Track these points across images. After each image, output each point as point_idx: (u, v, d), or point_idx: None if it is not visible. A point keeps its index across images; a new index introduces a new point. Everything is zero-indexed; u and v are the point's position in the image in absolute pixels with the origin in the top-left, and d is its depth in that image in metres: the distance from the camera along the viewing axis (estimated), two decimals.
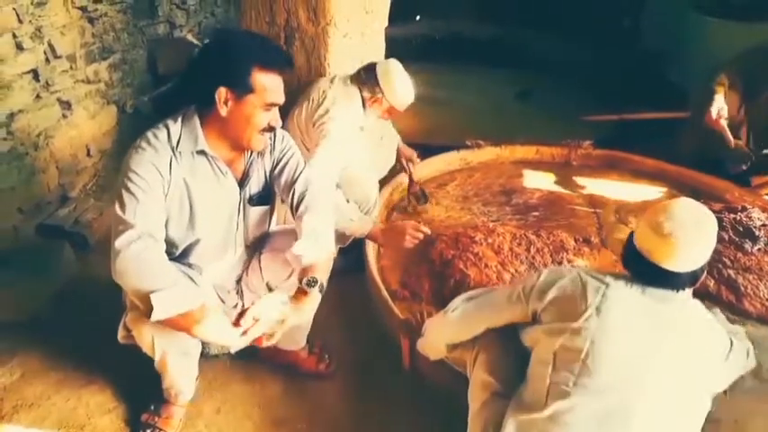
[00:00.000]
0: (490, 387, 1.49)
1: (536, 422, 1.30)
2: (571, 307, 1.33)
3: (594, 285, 1.33)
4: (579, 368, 1.28)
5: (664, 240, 1.29)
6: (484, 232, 2.58)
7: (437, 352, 1.75)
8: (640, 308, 1.31)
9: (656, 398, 1.26)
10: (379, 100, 2.37)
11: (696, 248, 1.30)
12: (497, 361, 1.52)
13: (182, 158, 1.51)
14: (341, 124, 2.26)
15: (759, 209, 2.78)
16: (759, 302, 2.31)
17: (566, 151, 3.36)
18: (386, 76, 2.35)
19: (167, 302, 1.37)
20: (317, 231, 1.65)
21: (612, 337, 1.28)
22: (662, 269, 1.30)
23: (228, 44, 1.48)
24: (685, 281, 1.32)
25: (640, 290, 1.33)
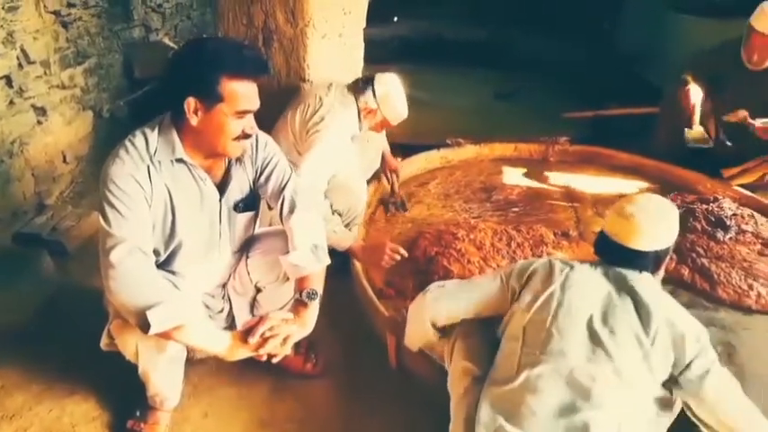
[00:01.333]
0: (470, 373, 1.52)
1: (509, 393, 1.36)
2: (541, 285, 1.47)
3: (560, 267, 1.49)
4: (545, 336, 1.39)
5: (626, 221, 1.45)
6: (466, 229, 2.62)
7: (418, 337, 1.79)
8: (601, 283, 1.44)
9: (618, 366, 1.34)
10: (373, 112, 2.40)
11: (657, 228, 1.45)
12: (475, 347, 1.57)
13: (161, 166, 1.50)
14: (335, 133, 2.27)
15: (730, 199, 2.86)
16: (732, 289, 2.38)
17: (543, 148, 3.42)
18: (383, 88, 2.38)
19: (163, 317, 1.37)
20: (313, 242, 1.66)
21: (574, 306, 1.41)
22: (628, 249, 1.45)
23: (196, 53, 1.44)
24: (650, 261, 1.46)
25: (604, 270, 1.47)
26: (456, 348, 1.61)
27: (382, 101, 2.39)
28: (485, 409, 1.36)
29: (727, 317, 2.33)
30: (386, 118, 2.44)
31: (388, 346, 2.04)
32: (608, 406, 1.31)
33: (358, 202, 2.43)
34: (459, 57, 4.96)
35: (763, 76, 2.96)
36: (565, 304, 1.41)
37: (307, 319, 1.60)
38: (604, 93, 4.03)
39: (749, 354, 2.16)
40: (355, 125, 2.40)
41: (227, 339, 1.49)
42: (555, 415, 1.30)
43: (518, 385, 1.35)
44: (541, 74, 4.59)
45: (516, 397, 1.34)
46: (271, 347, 1.51)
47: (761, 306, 2.35)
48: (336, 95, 2.38)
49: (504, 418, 1.32)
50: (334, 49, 2.76)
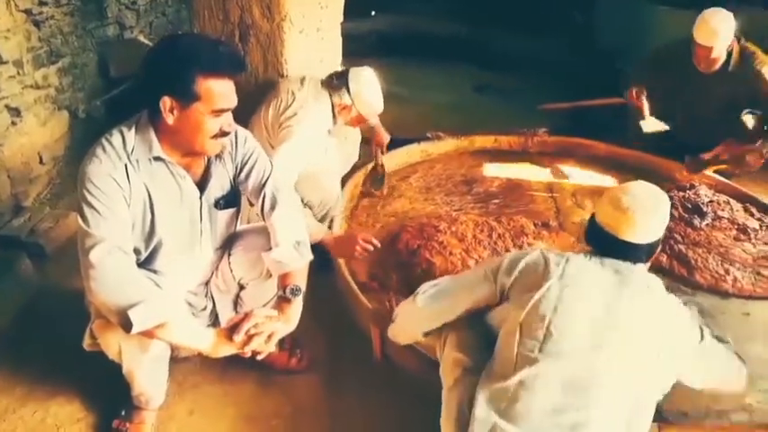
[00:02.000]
0: (462, 363, 1.53)
1: (506, 390, 1.35)
2: (535, 279, 1.42)
3: (556, 259, 1.44)
4: (544, 335, 1.35)
5: (623, 214, 1.41)
6: (447, 221, 2.64)
7: (407, 337, 1.79)
8: (600, 277, 1.40)
9: (617, 362, 1.33)
10: (348, 107, 2.39)
11: (652, 221, 1.43)
12: (467, 339, 1.57)
13: (139, 165, 1.49)
14: (307, 127, 2.26)
15: (706, 186, 2.92)
16: (709, 274, 2.44)
17: (522, 139, 3.45)
18: (357, 84, 2.36)
19: (145, 315, 1.37)
20: (296, 238, 1.67)
21: (574, 303, 1.37)
22: (623, 242, 1.42)
23: (170, 51, 1.43)
24: (643, 253, 1.45)
25: (599, 262, 1.43)
26: (448, 340, 1.61)
27: (356, 97, 2.38)
28: (480, 404, 1.36)
29: (704, 301, 2.38)
30: (360, 113, 2.42)
31: (373, 339, 2.05)
32: (604, 405, 1.31)
33: (329, 196, 2.42)
34: (437, 51, 4.97)
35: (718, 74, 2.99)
36: (564, 300, 1.37)
37: (291, 316, 1.60)
38: (583, 85, 4.07)
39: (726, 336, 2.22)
40: (329, 120, 2.40)
41: (211, 336, 1.49)
42: (550, 413, 1.30)
43: (515, 383, 1.34)
44: (521, 68, 4.62)
45: (512, 395, 1.33)
46: (256, 345, 1.51)
47: (737, 290, 2.41)
48: (310, 90, 2.37)
49: (500, 415, 1.32)
50: (312, 44, 2.76)
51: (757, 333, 2.25)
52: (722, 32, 2.83)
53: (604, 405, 1.31)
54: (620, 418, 1.32)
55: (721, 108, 3.02)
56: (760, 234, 2.62)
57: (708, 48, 2.87)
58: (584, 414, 1.29)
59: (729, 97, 3.00)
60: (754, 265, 2.49)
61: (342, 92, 2.37)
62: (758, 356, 2.13)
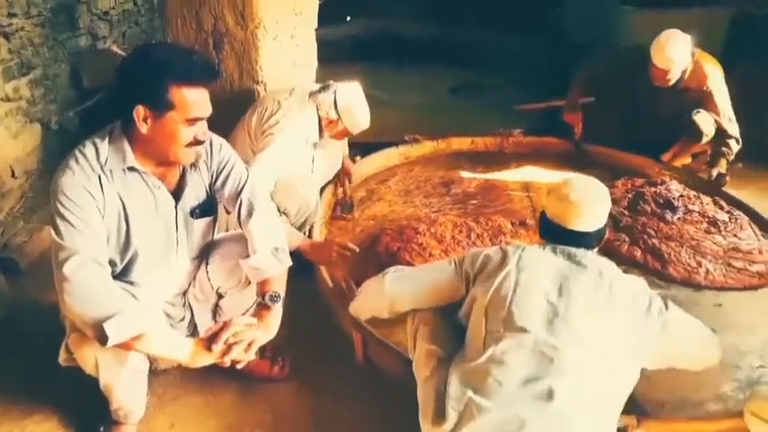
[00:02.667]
0: (435, 354, 1.57)
1: (477, 367, 1.41)
2: (496, 267, 1.53)
3: (513, 249, 1.57)
4: (506, 314, 1.44)
5: (569, 205, 1.53)
6: (426, 223, 2.66)
7: (368, 312, 1.84)
8: (553, 261, 1.52)
9: (576, 334, 1.41)
10: (334, 122, 2.40)
11: (597, 208, 1.55)
12: (437, 331, 1.62)
13: (113, 176, 1.48)
14: (288, 135, 2.27)
15: (677, 181, 2.98)
16: (682, 267, 2.49)
17: (498, 140, 3.49)
18: (346, 100, 2.38)
19: (120, 327, 1.36)
20: (273, 244, 1.66)
21: (531, 284, 1.47)
22: (572, 231, 1.53)
23: (144, 60, 1.43)
24: (593, 239, 1.56)
25: (552, 249, 1.55)
26: (419, 334, 1.65)
27: (344, 112, 2.40)
28: (454, 384, 1.41)
29: (678, 294, 2.43)
30: (347, 128, 2.44)
31: (355, 343, 2.06)
32: (571, 373, 1.37)
33: (307, 205, 2.40)
34: (413, 54, 5.00)
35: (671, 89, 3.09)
36: (521, 282, 1.47)
37: (270, 323, 1.60)
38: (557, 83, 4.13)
39: None
40: (314, 131, 2.41)
41: (189, 346, 1.48)
42: (521, 384, 1.36)
43: (484, 360, 1.41)
44: (495, 68, 4.67)
45: (483, 371, 1.39)
46: (235, 354, 1.50)
47: (709, 282, 2.47)
48: (296, 100, 2.38)
49: (473, 391, 1.37)
50: (287, 51, 2.76)
51: (730, 323, 2.30)
52: (678, 57, 2.95)
53: (570, 374, 1.37)
54: (586, 385, 1.38)
55: (674, 113, 3.11)
56: (730, 226, 2.69)
57: (664, 70, 2.98)
58: (552, 382, 1.35)
59: (681, 106, 3.10)
60: (724, 256, 2.55)
61: (329, 106, 2.38)
62: (731, 346, 2.17)
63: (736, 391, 1.99)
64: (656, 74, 3.03)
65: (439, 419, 1.40)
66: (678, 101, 3.11)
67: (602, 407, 1.39)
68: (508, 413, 1.32)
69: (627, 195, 2.89)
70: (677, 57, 2.94)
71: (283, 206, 2.32)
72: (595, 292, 1.46)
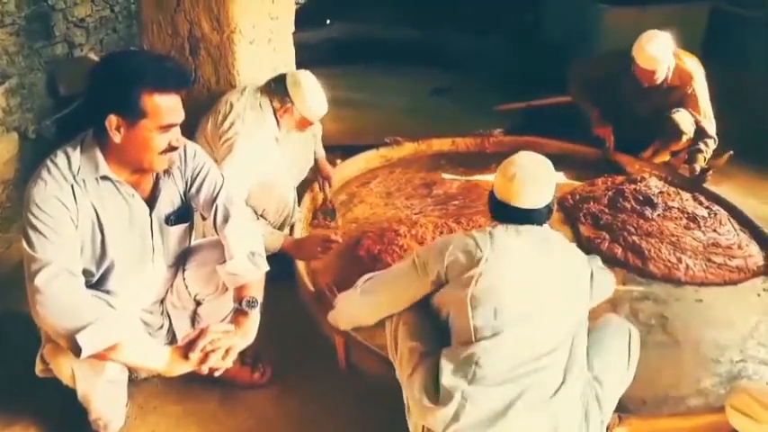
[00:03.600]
0: (417, 350, 1.58)
1: (469, 358, 1.45)
2: (469, 258, 1.51)
3: (482, 236, 1.54)
4: (495, 306, 1.47)
5: (512, 183, 1.54)
6: (407, 225, 2.66)
7: (346, 324, 1.86)
8: (520, 243, 1.53)
9: (553, 312, 1.51)
10: (289, 110, 2.35)
11: (541, 185, 1.56)
12: (418, 327, 1.62)
13: (86, 185, 1.47)
14: (247, 139, 2.23)
15: (656, 178, 3.01)
16: (662, 264, 2.51)
17: (479, 141, 3.50)
18: (295, 85, 2.34)
19: (94, 338, 1.34)
20: (250, 249, 1.65)
21: (511, 271, 1.50)
22: (522, 209, 1.54)
23: (114, 68, 1.42)
24: (543, 215, 1.58)
25: (514, 230, 1.55)
26: (399, 334, 1.65)
27: (295, 97, 2.34)
28: (446, 374, 1.45)
29: (659, 290, 2.46)
30: (303, 115, 2.38)
31: (337, 347, 2.05)
32: (554, 349, 1.47)
33: (285, 204, 2.40)
34: (393, 56, 4.99)
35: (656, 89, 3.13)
36: (503, 270, 1.49)
37: (248, 329, 1.58)
38: (536, 84, 4.16)
39: (681, 323, 2.30)
40: (272, 127, 2.37)
41: (166, 355, 1.47)
42: (511, 370, 1.44)
43: (476, 351, 1.45)
44: (476, 69, 4.69)
45: (475, 362, 1.44)
46: (213, 362, 1.48)
47: (689, 278, 2.49)
48: (249, 99, 2.34)
49: (468, 382, 1.43)
50: (264, 55, 2.75)
51: (710, 318, 2.32)
52: (662, 57, 2.98)
53: (551, 352, 1.47)
54: (563, 358, 1.49)
55: (658, 111, 3.15)
56: (709, 222, 2.71)
57: (650, 71, 3.01)
58: (538, 364, 1.44)
59: (665, 105, 3.14)
60: (704, 252, 2.57)
61: (281, 95, 2.34)
62: (711, 341, 2.21)
63: (716, 385, 2.01)
64: (642, 75, 3.06)
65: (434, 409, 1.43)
66: (663, 99, 3.14)
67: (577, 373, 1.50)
68: (497, 396, 1.41)
69: (607, 193, 2.90)
70: (660, 55, 2.97)
71: (262, 207, 2.30)
72: (557, 268, 1.54)
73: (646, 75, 3.04)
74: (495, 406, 1.41)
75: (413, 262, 1.61)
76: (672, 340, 2.20)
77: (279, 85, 2.36)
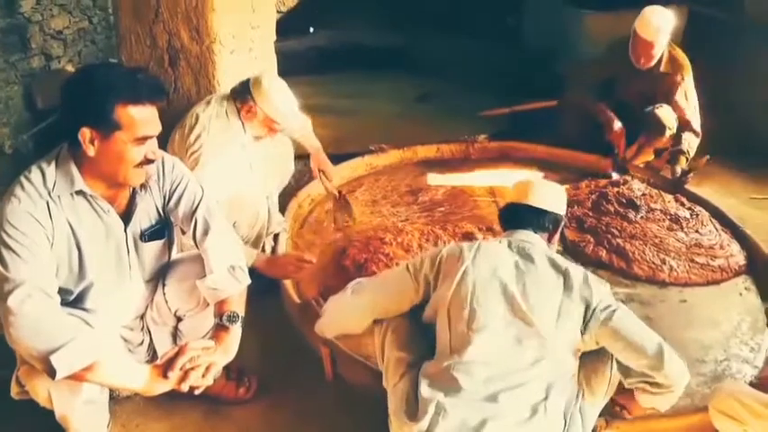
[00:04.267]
0: (404, 361, 1.58)
1: (446, 370, 1.45)
2: (452, 266, 1.56)
3: (468, 246, 1.60)
4: (468, 313, 1.48)
5: (527, 184, 1.72)
6: (393, 233, 2.65)
7: (335, 329, 1.85)
8: (507, 255, 1.57)
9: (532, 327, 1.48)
10: (252, 110, 2.28)
11: (551, 190, 1.72)
12: (404, 337, 1.63)
13: (61, 201, 1.44)
14: (214, 151, 2.19)
15: (638, 180, 3.03)
16: (646, 265, 2.53)
17: (464, 147, 3.50)
18: (256, 84, 2.28)
19: (69, 359, 1.31)
20: (230, 263, 1.63)
21: (488, 281, 1.51)
22: (532, 209, 1.65)
23: (87, 81, 1.41)
24: (549, 221, 1.67)
25: (507, 243, 1.60)
26: (387, 342, 1.65)
27: (257, 95, 2.26)
28: (424, 386, 1.45)
29: (644, 292, 2.47)
30: (267, 115, 2.29)
31: (323, 359, 2.03)
32: (535, 369, 1.45)
33: (257, 216, 2.35)
34: (377, 63, 5.00)
35: (650, 73, 3.15)
36: (479, 278, 1.51)
37: (229, 345, 1.56)
38: (519, 88, 4.18)
39: (666, 324, 2.30)
40: (239, 133, 2.31)
41: (144, 374, 1.44)
42: (485, 383, 1.43)
43: (451, 362, 1.46)
44: (459, 74, 4.70)
45: (450, 373, 1.44)
46: (193, 380, 1.46)
47: (673, 279, 2.51)
48: (214, 108, 2.30)
49: (444, 393, 1.42)
50: (245, 64, 2.73)
51: (694, 319, 2.34)
52: (664, 28, 3.01)
53: (531, 366, 1.45)
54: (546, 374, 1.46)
55: (647, 98, 3.16)
56: (691, 223, 2.73)
57: (650, 43, 3.01)
58: (517, 378, 1.43)
59: (654, 91, 3.16)
60: (687, 253, 2.59)
61: (244, 96, 2.28)
62: (696, 340, 2.22)
63: (701, 385, 2.02)
64: (641, 49, 3.05)
65: (411, 420, 1.43)
66: (654, 85, 3.15)
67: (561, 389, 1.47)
68: (473, 411, 1.39)
69: (591, 196, 2.92)
70: (662, 26, 2.99)
71: (233, 220, 2.25)
72: (549, 278, 1.53)
73: (644, 48, 3.03)
74: (471, 420, 1.38)
75: (407, 267, 1.65)
76: None
77: (242, 87, 2.31)
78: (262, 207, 2.40)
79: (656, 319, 2.32)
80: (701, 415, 1.69)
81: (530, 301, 1.49)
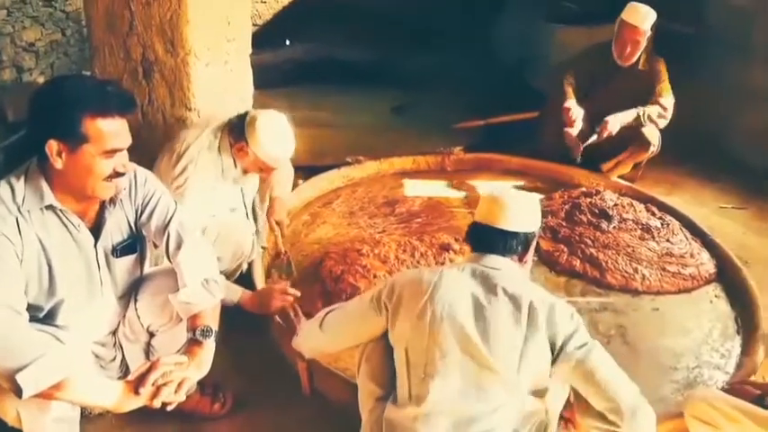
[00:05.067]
0: (374, 394, 1.56)
1: (406, 417, 1.41)
2: (411, 301, 1.46)
3: (428, 278, 1.48)
4: (426, 357, 1.41)
5: (495, 203, 1.53)
6: (370, 244, 2.65)
7: (308, 353, 1.85)
8: (468, 285, 1.46)
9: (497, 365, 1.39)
10: (244, 149, 2.18)
11: (522, 210, 1.53)
12: (376, 368, 1.59)
13: (31, 216, 1.42)
14: (198, 186, 2.12)
15: (611, 191, 3.09)
16: (619, 274, 2.57)
17: (440, 159, 3.53)
18: (251, 124, 2.16)
19: (37, 377, 1.28)
20: (203, 276, 1.62)
21: (446, 318, 1.41)
22: (498, 231, 1.50)
23: (54, 93, 1.39)
24: (519, 243, 1.51)
25: (470, 272, 1.48)
26: (361, 370, 1.64)
27: (249, 136, 2.15)
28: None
29: (617, 301, 2.51)
30: (257, 156, 2.17)
31: (300, 373, 2.01)
32: (498, 414, 1.39)
33: (242, 250, 2.30)
34: (354, 75, 5.02)
35: (630, 73, 3.25)
36: (437, 318, 1.41)
37: (202, 359, 1.53)
38: (494, 101, 4.24)
39: (640, 332, 2.35)
40: (229, 168, 2.23)
41: (115, 390, 1.41)
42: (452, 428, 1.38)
43: (413, 412, 1.41)
44: (433, 87, 4.75)
45: (412, 422, 1.41)
46: (165, 396, 1.44)
47: (646, 287, 2.56)
48: (207, 139, 2.20)
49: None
50: (221, 77, 2.71)
51: (667, 327, 2.39)
52: (650, 16, 3.13)
53: (491, 414, 1.39)
54: (508, 422, 1.40)
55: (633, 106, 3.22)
56: (662, 232, 2.79)
57: (636, 29, 3.11)
58: (477, 426, 1.38)
59: (639, 96, 3.24)
60: (659, 262, 2.64)
61: (237, 133, 2.18)
62: (668, 348, 2.26)
63: (674, 392, 2.06)
64: (627, 36, 3.13)
65: None
66: (634, 84, 3.23)
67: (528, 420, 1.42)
68: None
69: (564, 207, 2.96)
70: (649, 14, 3.11)
71: (218, 253, 2.21)
72: (513, 315, 1.41)
73: (630, 35, 3.12)
74: None
75: (371, 299, 1.56)
76: (631, 349, 2.25)
77: (238, 122, 2.21)
78: (248, 243, 2.34)
79: (630, 327, 2.36)
80: (675, 422, 1.72)
81: (490, 342, 1.39)
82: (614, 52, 3.22)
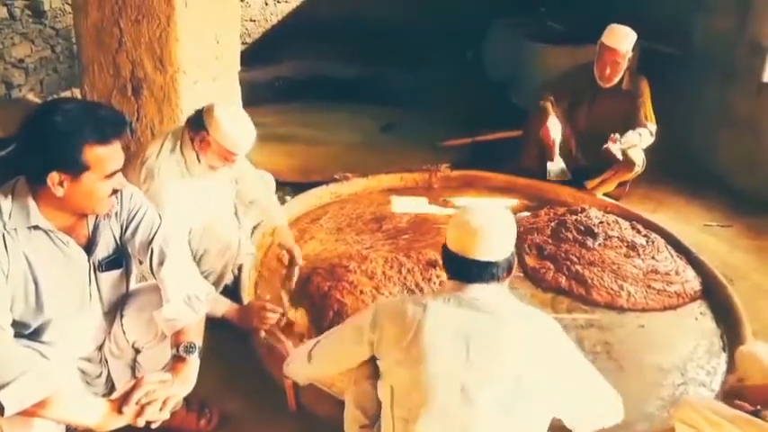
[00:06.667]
0: (358, 421, 1.55)
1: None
2: (395, 336, 1.39)
3: (412, 310, 1.39)
4: (412, 397, 1.36)
5: (474, 235, 1.37)
6: (357, 260, 2.66)
7: (299, 380, 1.82)
8: (456, 320, 1.37)
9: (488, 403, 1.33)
10: (206, 140, 2.16)
11: (500, 234, 1.40)
12: (365, 395, 1.56)
13: (17, 234, 1.42)
14: (163, 190, 2.11)
15: (596, 208, 3.12)
16: (605, 291, 2.59)
17: (427, 176, 3.56)
18: (209, 113, 2.16)
19: (20, 394, 1.27)
20: (186, 292, 1.61)
21: (432, 356, 1.34)
22: (480, 262, 1.37)
23: (52, 125, 1.37)
24: (502, 269, 1.41)
25: (458, 302, 1.39)
26: (348, 395, 1.62)
27: (209, 125, 2.14)
28: None
29: (603, 317, 2.52)
30: (220, 144, 2.16)
31: (286, 389, 2.00)
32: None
33: (228, 245, 2.32)
34: (343, 93, 5.07)
35: (613, 92, 3.31)
36: (422, 354, 1.34)
37: (187, 376, 1.53)
38: (479, 119, 4.30)
39: (625, 349, 2.36)
40: (192, 163, 2.23)
41: (100, 409, 1.39)
42: None
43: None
44: (420, 105, 4.81)
45: None
46: (149, 414, 1.42)
47: (631, 304, 2.58)
48: (168, 143, 2.21)
49: None
50: (209, 94, 2.73)
51: (652, 343, 2.40)
52: (628, 38, 3.20)
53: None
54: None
55: (617, 126, 3.27)
56: (648, 249, 2.82)
57: (615, 51, 3.17)
58: None
59: (622, 115, 3.30)
60: (644, 279, 2.67)
61: (197, 126, 2.18)
62: (654, 365, 2.27)
63: (660, 409, 2.06)
64: (607, 58, 3.19)
65: None
66: (616, 105, 3.29)
67: None
68: None
69: (550, 224, 2.99)
70: (627, 35, 3.19)
71: (203, 248, 2.23)
72: (501, 348, 1.35)
73: (610, 56, 3.18)
74: None
75: (353, 328, 1.52)
76: (617, 366, 2.26)
77: (196, 117, 2.21)
78: (233, 237, 2.35)
79: (615, 344, 2.37)
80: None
81: (480, 377, 1.33)
82: (596, 73, 3.29)
